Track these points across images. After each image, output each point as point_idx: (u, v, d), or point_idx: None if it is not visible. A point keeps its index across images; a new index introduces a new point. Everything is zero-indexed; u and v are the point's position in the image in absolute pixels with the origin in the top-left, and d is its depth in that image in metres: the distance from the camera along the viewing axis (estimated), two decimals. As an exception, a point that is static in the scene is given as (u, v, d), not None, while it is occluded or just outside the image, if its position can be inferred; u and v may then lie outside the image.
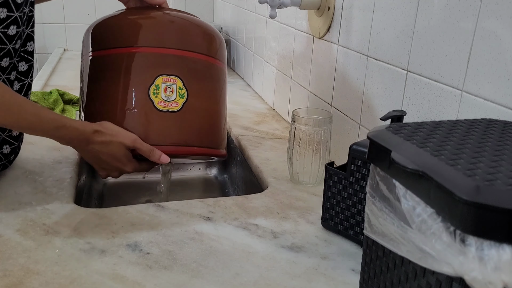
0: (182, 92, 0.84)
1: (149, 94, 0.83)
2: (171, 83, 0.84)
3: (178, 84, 0.84)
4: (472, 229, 0.33)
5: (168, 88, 0.83)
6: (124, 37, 0.85)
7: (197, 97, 0.87)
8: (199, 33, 0.90)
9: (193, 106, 0.86)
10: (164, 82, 0.83)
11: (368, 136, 0.46)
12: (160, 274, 0.60)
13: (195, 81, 0.87)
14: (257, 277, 0.61)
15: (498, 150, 0.41)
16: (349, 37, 0.92)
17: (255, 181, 0.97)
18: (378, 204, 0.43)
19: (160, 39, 0.85)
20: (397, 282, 0.44)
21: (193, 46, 0.87)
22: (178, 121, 0.85)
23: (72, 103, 1.29)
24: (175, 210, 0.76)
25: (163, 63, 0.84)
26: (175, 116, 0.84)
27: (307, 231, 0.72)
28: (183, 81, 0.84)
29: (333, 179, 0.70)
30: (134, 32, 0.85)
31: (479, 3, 0.60)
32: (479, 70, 0.60)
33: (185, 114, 0.85)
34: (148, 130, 0.83)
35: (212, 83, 0.91)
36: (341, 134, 0.96)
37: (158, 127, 0.84)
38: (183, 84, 0.84)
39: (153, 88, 0.83)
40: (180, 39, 0.86)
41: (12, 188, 0.81)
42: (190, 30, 0.89)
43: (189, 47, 0.87)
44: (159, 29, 0.86)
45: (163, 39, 0.85)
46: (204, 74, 0.89)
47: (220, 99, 0.94)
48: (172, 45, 0.85)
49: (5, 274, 0.59)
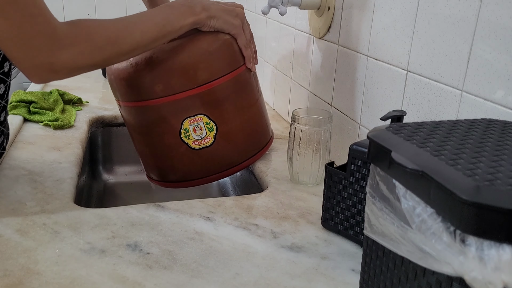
0: (210, 126, 0.85)
1: (182, 139, 0.85)
2: (198, 122, 0.85)
3: (204, 120, 0.85)
4: (472, 229, 0.33)
5: (196, 128, 0.85)
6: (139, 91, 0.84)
7: (228, 120, 0.87)
8: (208, 59, 0.83)
9: (227, 131, 0.87)
10: (191, 124, 0.84)
11: (368, 136, 0.46)
12: (160, 274, 0.60)
13: (221, 107, 0.86)
14: (257, 277, 0.61)
15: (498, 150, 0.41)
16: (349, 37, 0.92)
17: (255, 181, 0.97)
18: (378, 204, 0.43)
19: (174, 86, 0.82)
20: (397, 282, 0.44)
21: (207, 77, 0.83)
22: (216, 152, 0.87)
23: (72, 103, 1.29)
24: (175, 210, 0.76)
25: (185, 107, 0.83)
26: (212, 149, 0.87)
27: (307, 231, 0.72)
28: (208, 116, 0.85)
29: (333, 179, 0.70)
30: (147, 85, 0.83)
31: (479, 3, 0.60)
32: (479, 70, 0.60)
33: (221, 142, 0.87)
34: (191, 169, 0.88)
35: (241, 93, 0.89)
36: (341, 134, 0.96)
37: (201, 163, 0.87)
38: (209, 118, 0.85)
39: (183, 132, 0.85)
40: (192, 77, 0.82)
41: (12, 188, 0.81)
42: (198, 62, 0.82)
43: (203, 80, 0.83)
44: (169, 77, 0.82)
45: (177, 85, 0.82)
46: (229, 93, 0.86)
47: (254, 98, 0.92)
48: (187, 87, 0.82)
49: (5, 274, 0.59)
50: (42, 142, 1.02)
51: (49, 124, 1.11)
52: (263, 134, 0.96)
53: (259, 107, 0.94)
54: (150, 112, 0.85)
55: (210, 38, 0.83)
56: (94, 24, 0.70)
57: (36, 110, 1.16)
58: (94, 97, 1.39)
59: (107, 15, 2.09)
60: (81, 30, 0.68)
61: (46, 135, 1.07)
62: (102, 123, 1.25)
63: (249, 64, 0.89)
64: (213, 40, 0.83)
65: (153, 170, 0.93)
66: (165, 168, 0.90)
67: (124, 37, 0.73)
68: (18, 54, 0.65)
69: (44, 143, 1.01)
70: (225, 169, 0.89)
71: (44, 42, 0.64)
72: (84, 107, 1.30)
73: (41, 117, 1.14)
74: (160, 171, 0.92)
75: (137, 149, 0.94)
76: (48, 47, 0.65)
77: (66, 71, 0.69)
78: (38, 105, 1.17)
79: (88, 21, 0.70)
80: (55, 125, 1.10)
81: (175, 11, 0.79)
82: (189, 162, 0.87)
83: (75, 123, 1.16)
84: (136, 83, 0.84)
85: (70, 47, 0.67)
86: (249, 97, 0.91)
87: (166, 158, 0.89)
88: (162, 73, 0.82)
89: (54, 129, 1.10)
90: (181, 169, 0.88)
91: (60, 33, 0.66)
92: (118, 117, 1.25)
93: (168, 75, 0.82)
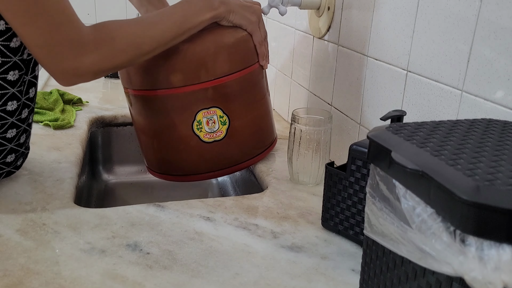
0: (223, 120, 0.85)
1: (194, 131, 0.85)
2: (212, 115, 0.84)
3: (218, 113, 0.84)
4: (472, 229, 0.33)
5: (209, 120, 0.84)
6: (155, 79, 0.84)
7: (239, 116, 0.87)
8: (226, 53, 0.83)
9: (237, 126, 0.87)
10: (205, 116, 0.84)
11: (368, 136, 0.46)
12: (160, 274, 0.60)
13: (234, 102, 0.86)
14: (257, 277, 0.61)
15: (498, 150, 0.41)
16: (349, 37, 0.92)
17: (255, 181, 0.97)
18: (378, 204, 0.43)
19: (191, 77, 0.82)
20: (397, 282, 0.44)
21: (224, 70, 0.84)
22: (226, 147, 0.87)
23: (72, 103, 1.29)
24: (175, 210, 0.76)
25: (200, 99, 0.83)
26: (222, 143, 0.87)
27: (307, 231, 0.72)
28: (222, 109, 0.85)
29: (333, 179, 0.70)
30: (165, 74, 0.82)
31: (479, 3, 0.60)
32: (479, 70, 0.60)
33: (231, 137, 0.87)
34: (199, 162, 0.87)
35: (252, 90, 0.89)
36: (341, 134, 0.96)
37: (209, 157, 0.87)
38: (222, 112, 0.85)
39: (196, 124, 0.84)
40: (210, 69, 0.82)
41: (12, 188, 0.81)
42: (218, 54, 0.83)
43: (221, 73, 0.83)
44: (187, 67, 0.82)
45: (194, 76, 0.82)
46: (242, 89, 0.87)
47: (263, 96, 0.93)
48: (204, 79, 0.82)
49: (5, 274, 0.59)
50: (42, 142, 1.02)
51: (49, 124, 1.11)
52: (268, 133, 0.96)
53: (267, 106, 0.95)
54: (163, 102, 0.84)
55: (228, 32, 0.84)
56: (117, 28, 0.72)
57: (36, 110, 1.16)
58: (94, 97, 1.39)
59: (107, 15, 2.09)
60: (104, 35, 0.71)
61: (46, 135, 1.07)
62: (102, 123, 1.25)
63: (262, 62, 0.90)
64: (231, 35, 0.84)
65: (157, 162, 0.92)
66: (171, 160, 0.89)
67: (146, 38, 0.75)
68: (46, 59, 0.68)
69: (44, 143, 1.01)
70: (229, 166, 0.89)
71: (69, 48, 0.67)
72: (84, 107, 1.30)
73: (41, 117, 1.14)
74: (164, 163, 0.91)
75: (142, 140, 0.93)
76: (73, 53, 0.68)
77: (90, 75, 0.71)
78: (38, 105, 1.17)
79: (111, 24, 0.72)
80: (55, 125, 1.10)
81: (194, 6, 0.79)
82: (197, 156, 0.87)
83: (75, 123, 1.16)
84: (151, 71, 0.83)
85: (94, 52, 0.69)
86: (260, 94, 0.91)
87: (174, 151, 0.88)
88: (179, 63, 0.81)
89: (54, 129, 1.10)
90: (188, 162, 0.88)
91: (85, 39, 0.68)
92: (118, 117, 1.25)
93: (185, 65, 0.81)
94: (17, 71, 0.73)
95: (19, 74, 0.74)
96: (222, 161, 0.88)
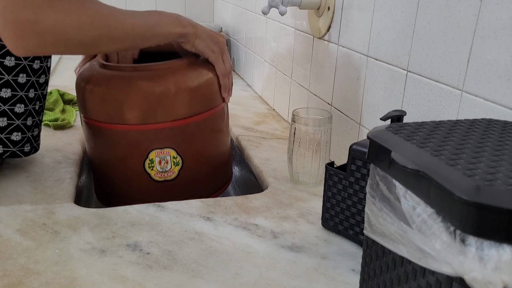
0: (177, 160, 0.83)
1: (145, 168, 0.82)
2: (165, 155, 0.82)
3: (172, 154, 0.82)
4: (472, 229, 0.33)
5: (162, 160, 0.82)
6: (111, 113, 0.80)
7: (194, 158, 0.85)
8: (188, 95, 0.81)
9: (190, 168, 0.84)
10: (158, 156, 0.82)
11: (368, 136, 0.46)
12: (160, 274, 0.60)
13: (190, 144, 0.84)
14: (257, 277, 0.61)
15: (498, 150, 0.41)
16: (349, 37, 0.92)
17: (255, 181, 0.97)
18: (378, 204, 0.43)
19: (148, 116, 0.79)
20: (397, 282, 0.44)
21: (183, 113, 0.81)
22: (176, 187, 0.85)
23: (72, 103, 1.29)
24: (175, 210, 0.76)
25: (154, 138, 0.81)
26: (173, 183, 0.84)
27: (307, 231, 0.72)
28: (176, 151, 0.82)
29: (333, 179, 0.70)
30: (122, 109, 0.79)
31: (479, 3, 0.60)
32: (479, 70, 0.60)
33: (183, 178, 0.84)
34: (147, 199, 0.82)
35: (210, 133, 0.87)
36: (341, 134, 0.96)
37: (158, 195, 0.84)
38: (176, 153, 0.83)
39: (147, 162, 0.82)
40: (168, 110, 0.80)
41: (12, 188, 0.81)
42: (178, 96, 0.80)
43: (179, 115, 0.81)
44: (145, 105, 0.79)
45: (151, 115, 0.79)
46: (200, 131, 0.84)
47: (221, 138, 0.91)
48: (161, 119, 0.80)
49: (5, 274, 0.59)
50: (42, 142, 1.02)
51: (49, 124, 1.11)
52: (223, 174, 0.94)
53: (225, 147, 0.93)
54: (117, 136, 0.81)
55: (193, 75, 0.82)
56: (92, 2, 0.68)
57: (36, 110, 1.16)
58: (94, 97, 1.39)
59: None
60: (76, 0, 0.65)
61: (46, 135, 1.07)
62: (102, 123, 1.24)
63: (224, 93, 0.87)
64: (195, 78, 0.82)
65: (106, 192, 0.90)
66: (119, 194, 0.87)
67: (116, 21, 0.70)
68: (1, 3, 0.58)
69: (44, 143, 1.01)
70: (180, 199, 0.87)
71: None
72: (84, 107, 1.30)
73: (41, 117, 1.14)
74: (113, 195, 0.88)
75: (93, 168, 0.90)
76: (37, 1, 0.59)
77: (51, 37, 0.62)
78: (38, 105, 1.17)
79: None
80: (55, 125, 1.10)
81: (165, 18, 0.78)
82: (145, 193, 0.84)
83: (75, 123, 1.16)
84: (110, 103, 0.79)
85: (61, 10, 0.62)
86: (218, 137, 0.90)
87: (123, 185, 0.85)
88: (138, 100, 0.78)
89: (54, 129, 1.10)
90: (136, 198, 0.84)
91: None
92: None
93: (144, 104, 0.78)
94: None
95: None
96: (170, 198, 0.85)
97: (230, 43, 1.88)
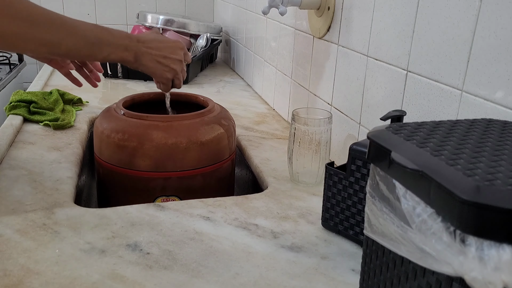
0: None
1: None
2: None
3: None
4: (472, 229, 0.33)
5: None
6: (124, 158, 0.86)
7: None
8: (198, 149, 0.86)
9: None
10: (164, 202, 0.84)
11: (368, 136, 0.46)
12: (160, 274, 0.60)
13: (196, 194, 0.87)
14: (257, 277, 0.61)
15: (498, 150, 0.41)
16: (349, 37, 0.92)
17: (255, 181, 0.97)
18: (378, 204, 0.43)
19: (158, 165, 0.85)
20: (397, 282, 0.44)
21: (192, 165, 0.86)
22: None
23: (72, 103, 1.29)
24: (175, 210, 0.76)
25: (161, 186, 0.86)
26: None
27: (307, 231, 0.72)
28: (180, 199, 0.87)
29: (333, 179, 0.70)
30: (134, 156, 0.85)
31: (479, 3, 0.60)
32: (479, 70, 0.60)
33: None
34: None
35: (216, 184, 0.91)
36: (341, 134, 0.96)
37: None
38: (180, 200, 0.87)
39: None
40: (178, 162, 0.85)
41: (12, 188, 0.81)
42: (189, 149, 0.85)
43: (188, 167, 0.86)
44: (156, 155, 0.84)
45: (161, 164, 0.85)
46: (206, 182, 0.89)
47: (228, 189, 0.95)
48: (170, 169, 0.85)
49: (5, 274, 0.59)
50: (42, 142, 1.02)
51: (49, 124, 1.11)
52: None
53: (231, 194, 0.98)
54: (126, 180, 0.87)
55: (205, 130, 0.87)
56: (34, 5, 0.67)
57: (36, 110, 1.16)
58: (94, 97, 1.39)
59: (107, 15, 2.09)
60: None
61: (46, 135, 1.07)
62: (102, 123, 1.25)
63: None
64: (207, 133, 0.87)
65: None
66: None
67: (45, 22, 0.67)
68: None
69: (44, 143, 1.01)
70: None
71: None
72: (84, 107, 1.30)
73: (41, 117, 1.14)
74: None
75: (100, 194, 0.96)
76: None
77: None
78: (38, 105, 1.17)
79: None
80: (55, 125, 1.10)
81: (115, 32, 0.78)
82: None
83: (75, 123, 1.16)
84: (123, 149, 0.85)
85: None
86: (224, 188, 0.94)
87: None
88: (149, 150, 0.84)
89: (54, 129, 1.10)
90: None
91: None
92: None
93: (155, 154, 0.84)
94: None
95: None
96: None
97: (230, 43, 1.88)
